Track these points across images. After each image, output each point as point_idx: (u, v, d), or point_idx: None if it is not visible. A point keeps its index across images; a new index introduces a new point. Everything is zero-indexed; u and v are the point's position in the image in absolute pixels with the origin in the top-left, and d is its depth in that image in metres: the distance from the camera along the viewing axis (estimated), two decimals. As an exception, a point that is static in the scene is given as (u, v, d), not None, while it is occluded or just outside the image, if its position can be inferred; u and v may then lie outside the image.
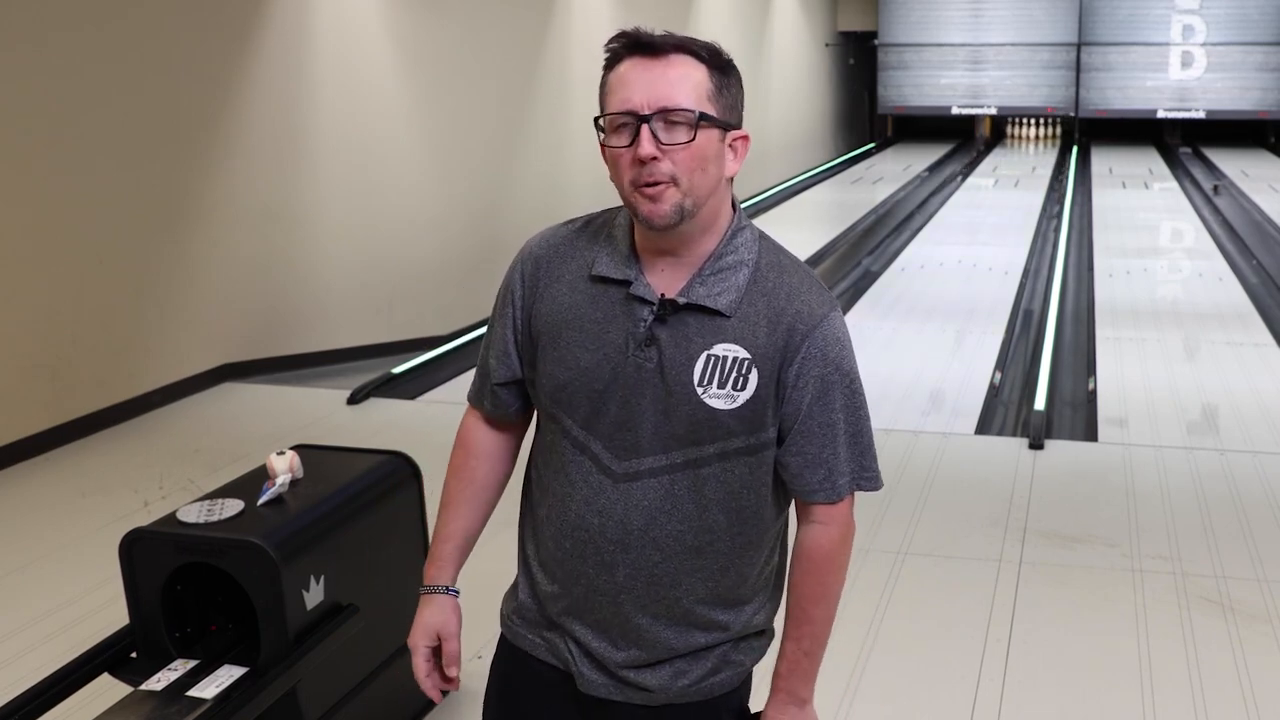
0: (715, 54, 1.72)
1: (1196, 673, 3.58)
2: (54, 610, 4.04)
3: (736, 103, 1.72)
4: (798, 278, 1.75)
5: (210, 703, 2.68)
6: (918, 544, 4.53)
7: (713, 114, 1.67)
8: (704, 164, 1.67)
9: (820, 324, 1.72)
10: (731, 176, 1.73)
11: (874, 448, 1.82)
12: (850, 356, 1.76)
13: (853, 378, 1.76)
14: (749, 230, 1.77)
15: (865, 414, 1.79)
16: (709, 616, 1.85)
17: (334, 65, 7.33)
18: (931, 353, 7.54)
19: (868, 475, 1.82)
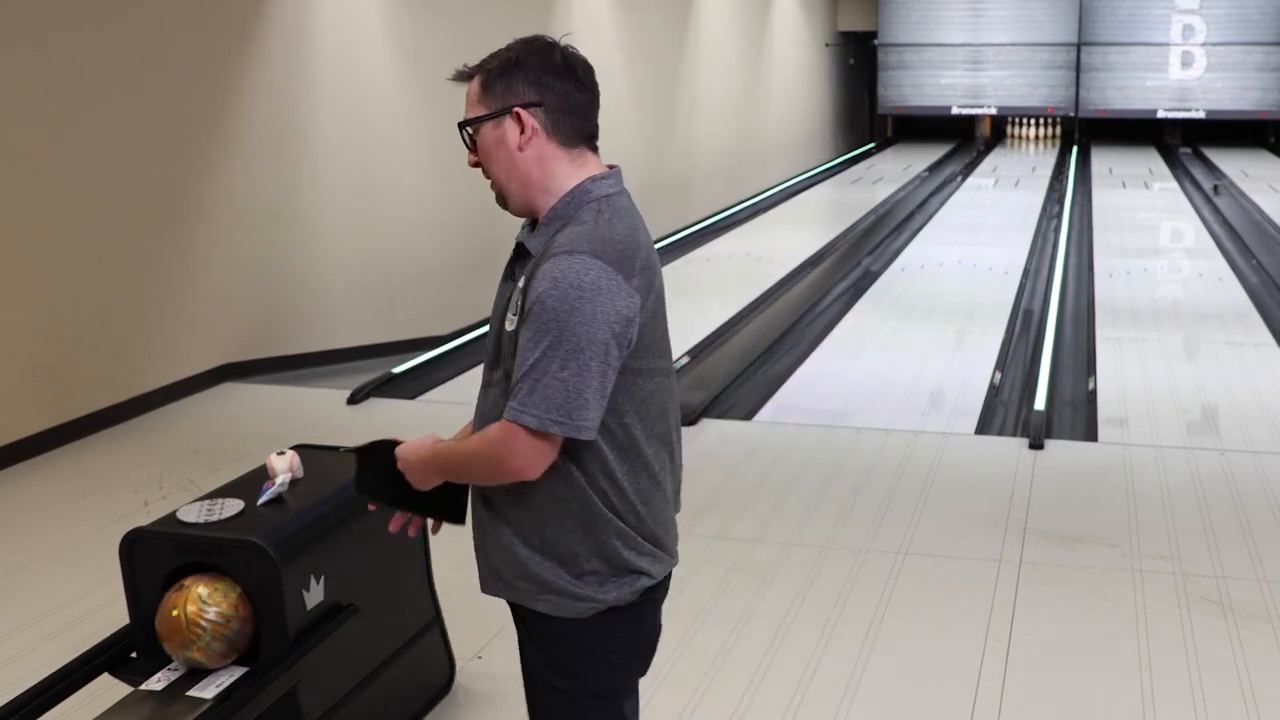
0: (490, 59, 2.13)
1: (1196, 673, 3.58)
2: (54, 610, 4.04)
3: (510, 86, 2.06)
4: (584, 228, 1.99)
5: (210, 703, 2.68)
6: (918, 544, 4.53)
7: (476, 114, 2.11)
8: (490, 158, 2.11)
9: (552, 259, 1.94)
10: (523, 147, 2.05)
11: (559, 392, 1.92)
12: (562, 295, 1.91)
13: (553, 314, 1.91)
14: (586, 197, 2.05)
15: (555, 354, 1.91)
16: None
17: (334, 65, 7.33)
18: (931, 353, 7.54)
19: (526, 409, 1.94)
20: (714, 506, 4.92)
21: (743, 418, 6.22)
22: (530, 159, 2.05)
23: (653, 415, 2.09)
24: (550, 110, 2.05)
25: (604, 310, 1.92)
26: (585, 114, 2.09)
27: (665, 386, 2.12)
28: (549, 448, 1.97)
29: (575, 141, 2.08)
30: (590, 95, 2.10)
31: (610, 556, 2.08)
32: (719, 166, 14.27)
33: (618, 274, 1.96)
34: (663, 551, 2.17)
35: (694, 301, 9.57)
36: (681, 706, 3.42)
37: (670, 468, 2.19)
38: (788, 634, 3.83)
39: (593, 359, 1.92)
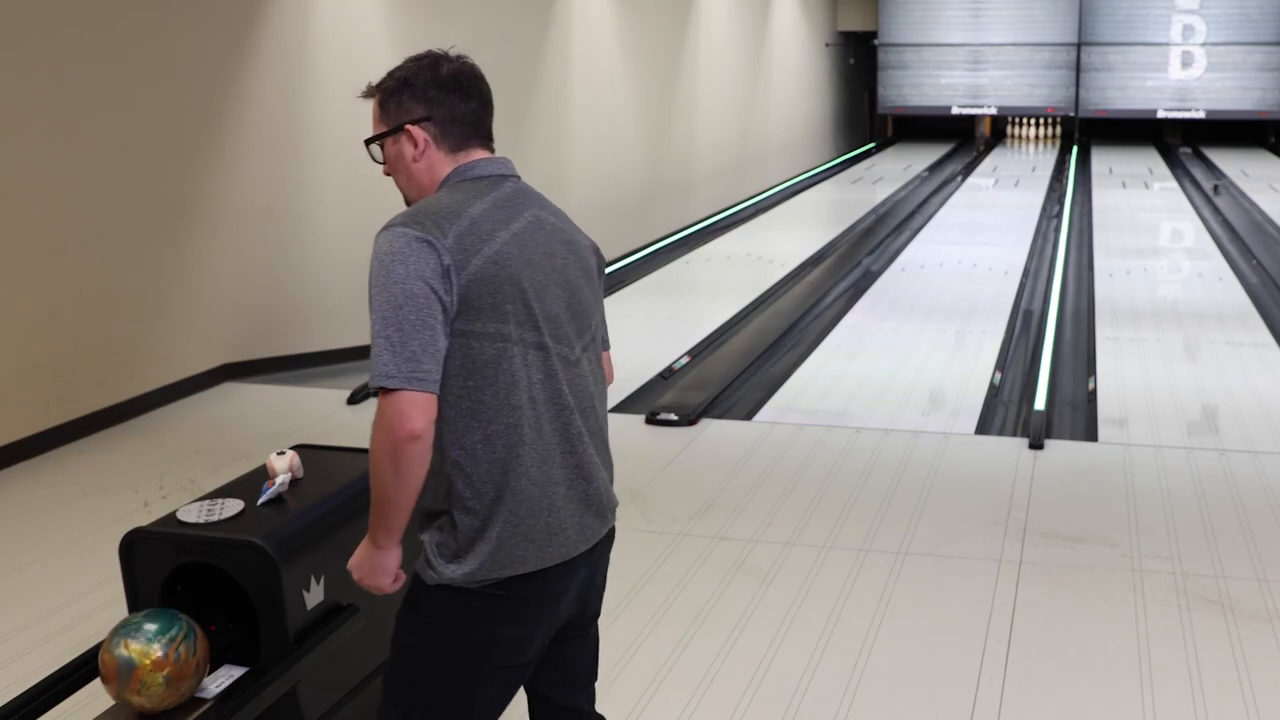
0: (385, 78, 2.28)
1: (1196, 673, 3.58)
2: (54, 610, 4.04)
3: (401, 105, 2.23)
4: (411, 210, 2.18)
5: (210, 702, 2.68)
6: (918, 544, 4.53)
7: (376, 132, 2.28)
8: (393, 169, 2.30)
9: (381, 230, 2.13)
10: (417, 159, 2.24)
11: (391, 350, 2.03)
12: (376, 265, 2.08)
13: (372, 285, 2.07)
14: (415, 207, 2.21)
15: (380, 317, 2.04)
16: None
17: (335, 65, 7.33)
18: (931, 353, 7.55)
19: (373, 378, 2.05)
20: (714, 506, 4.92)
21: (743, 418, 6.22)
22: (423, 169, 2.25)
23: (503, 383, 2.12)
24: (438, 122, 2.22)
25: (414, 267, 2.05)
26: (473, 120, 2.25)
27: (519, 354, 2.14)
28: (412, 400, 2.03)
29: (461, 145, 2.25)
30: (477, 102, 2.26)
31: (457, 532, 2.15)
32: (719, 166, 14.27)
33: (426, 235, 2.08)
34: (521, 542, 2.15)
35: (694, 301, 9.58)
36: (681, 706, 3.42)
37: (571, 449, 2.20)
38: (788, 634, 3.84)
39: (410, 313, 2.03)
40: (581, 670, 2.48)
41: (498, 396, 2.12)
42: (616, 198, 11.15)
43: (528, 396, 2.15)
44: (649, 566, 4.33)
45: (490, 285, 2.11)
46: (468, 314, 2.09)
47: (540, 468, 2.17)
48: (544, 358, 2.18)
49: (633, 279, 10.03)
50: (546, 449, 2.18)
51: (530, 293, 2.16)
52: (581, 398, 2.25)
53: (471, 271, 2.09)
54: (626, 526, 4.70)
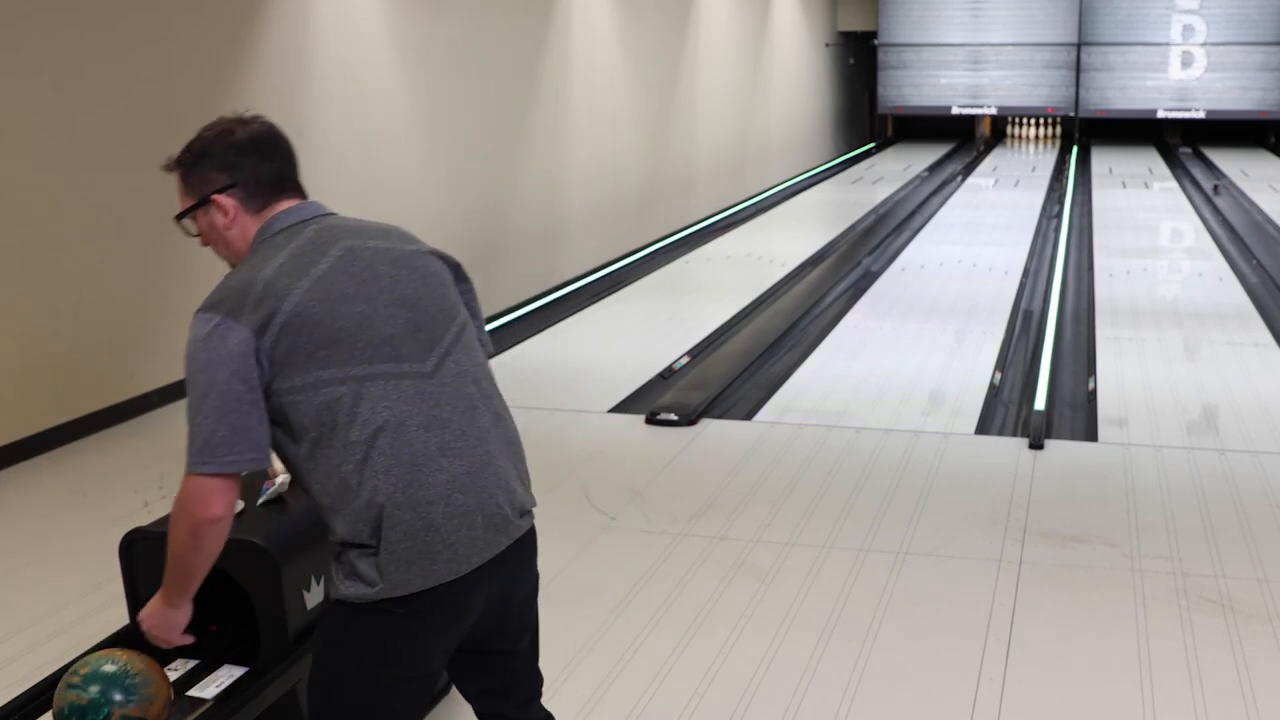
0: (183, 152, 2.33)
1: (1196, 673, 3.58)
2: (54, 610, 4.04)
3: (205, 175, 2.27)
4: (213, 291, 2.23)
5: (210, 702, 2.68)
6: (918, 544, 4.53)
7: (185, 207, 2.32)
8: (210, 240, 2.35)
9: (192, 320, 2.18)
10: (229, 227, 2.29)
11: (198, 437, 2.11)
12: (186, 352, 2.13)
13: (186, 370, 2.13)
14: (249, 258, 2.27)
15: (190, 403, 2.12)
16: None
17: (335, 65, 7.33)
18: (931, 353, 7.55)
19: (187, 460, 2.13)
20: (714, 506, 4.92)
21: (743, 418, 6.22)
22: (237, 235, 2.29)
23: (342, 424, 2.12)
24: (243, 186, 2.25)
25: (216, 352, 2.10)
26: (277, 179, 2.29)
27: (352, 390, 2.14)
28: (214, 486, 2.12)
29: (268, 205, 2.28)
30: (279, 160, 2.30)
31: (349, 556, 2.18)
32: (719, 166, 14.27)
33: (225, 318, 2.13)
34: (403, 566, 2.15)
35: (694, 301, 9.58)
36: (681, 706, 3.42)
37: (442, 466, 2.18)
38: (788, 634, 3.84)
39: (214, 400, 2.09)
40: (520, 681, 2.48)
41: (343, 439, 2.13)
42: (616, 198, 11.15)
43: (374, 429, 2.13)
44: (649, 566, 4.33)
45: (298, 339, 2.12)
46: (285, 374, 2.12)
47: (407, 491, 2.14)
48: (386, 384, 2.16)
49: (633, 279, 10.04)
50: (413, 472, 2.15)
51: (348, 329, 2.15)
52: (449, 408, 2.21)
53: (274, 334, 2.11)
54: (626, 526, 4.72)
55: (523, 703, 2.51)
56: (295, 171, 2.34)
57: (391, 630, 2.19)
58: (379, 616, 2.18)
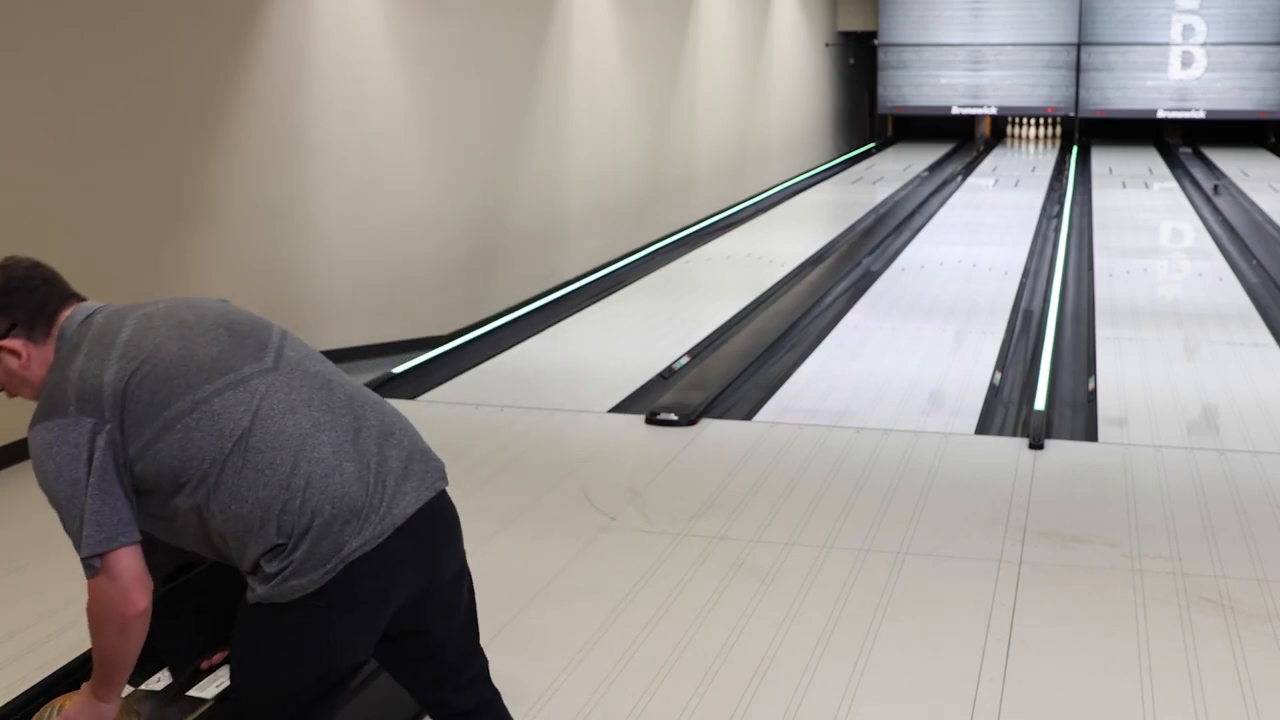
0: None
1: (1196, 673, 3.58)
2: (54, 610, 4.04)
3: None
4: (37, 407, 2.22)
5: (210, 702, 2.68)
6: (917, 544, 4.53)
7: None
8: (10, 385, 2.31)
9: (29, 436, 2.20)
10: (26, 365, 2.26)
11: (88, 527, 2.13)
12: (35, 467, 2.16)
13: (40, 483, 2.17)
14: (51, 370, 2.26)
15: (59, 512, 2.16)
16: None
17: (335, 65, 7.33)
18: (931, 353, 7.54)
19: (83, 565, 2.16)
20: (714, 506, 4.92)
21: (743, 418, 6.22)
22: (36, 370, 2.27)
23: (209, 448, 2.18)
24: (24, 324, 2.25)
25: (59, 454, 2.14)
26: (50, 304, 2.28)
27: (203, 418, 2.19)
28: (130, 574, 2.17)
29: (51, 328, 2.28)
30: (45, 284, 2.29)
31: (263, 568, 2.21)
32: (719, 166, 14.27)
33: (57, 418, 2.16)
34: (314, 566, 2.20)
35: (694, 301, 9.58)
36: (681, 706, 3.42)
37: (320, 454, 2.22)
38: (788, 634, 3.83)
39: (75, 494, 2.13)
40: (457, 664, 2.51)
41: (219, 458, 2.18)
42: (616, 198, 11.14)
43: (241, 432, 2.19)
44: (649, 566, 4.33)
45: (131, 400, 2.17)
46: (136, 434, 2.17)
47: (296, 476, 2.19)
48: (235, 393, 2.22)
49: (633, 279, 10.03)
50: (297, 456, 2.20)
51: (175, 365, 2.21)
52: (305, 390, 2.27)
53: (109, 407, 2.16)
54: (626, 526, 4.72)
55: (463, 685, 2.52)
56: (63, 285, 2.33)
57: (319, 623, 2.22)
58: (302, 613, 2.21)
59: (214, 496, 2.19)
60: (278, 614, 2.21)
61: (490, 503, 5.00)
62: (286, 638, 2.25)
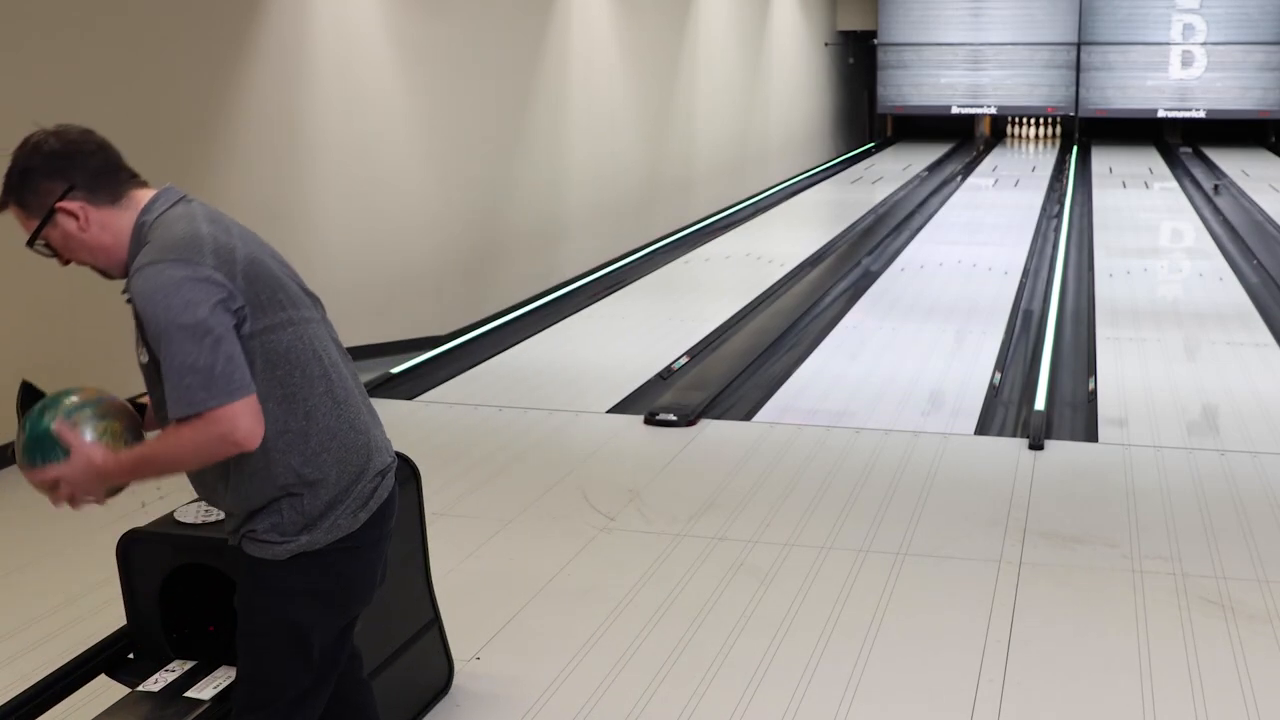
0: (5, 179, 2.25)
1: (1197, 674, 3.57)
2: (52, 611, 4.03)
3: (40, 189, 2.23)
4: (145, 251, 2.22)
5: (208, 704, 2.67)
6: (917, 544, 4.52)
7: (33, 230, 2.26)
8: (71, 252, 2.30)
9: (131, 282, 2.20)
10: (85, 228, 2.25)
11: (185, 381, 2.13)
12: (153, 301, 2.14)
13: (157, 320, 2.14)
14: (140, 231, 2.27)
15: (177, 349, 2.13)
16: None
17: (333, 65, 7.32)
18: (931, 353, 7.54)
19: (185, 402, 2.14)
20: (714, 506, 4.91)
21: (743, 418, 6.21)
22: (96, 233, 2.27)
23: (305, 359, 2.29)
24: (82, 186, 2.24)
25: (191, 295, 2.14)
26: (111, 169, 2.29)
27: (305, 333, 2.32)
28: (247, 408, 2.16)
29: (118, 194, 2.28)
30: (101, 150, 2.29)
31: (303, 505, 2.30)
32: (718, 166, 14.26)
33: (187, 265, 2.17)
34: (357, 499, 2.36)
35: (694, 301, 9.57)
36: (681, 706, 3.42)
37: (357, 401, 2.40)
38: (788, 634, 3.83)
39: (204, 335, 2.13)
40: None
41: (305, 375, 2.29)
42: (616, 198, 11.13)
43: (326, 365, 2.34)
44: (648, 567, 4.33)
45: (255, 285, 2.24)
46: (254, 317, 2.22)
47: (354, 423, 2.36)
48: (315, 327, 2.35)
49: (632, 279, 10.03)
50: (348, 405, 2.36)
51: (280, 279, 2.31)
52: (338, 350, 2.42)
53: (239, 279, 2.21)
54: (626, 527, 4.71)
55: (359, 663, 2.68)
56: (122, 159, 2.33)
57: (350, 564, 2.37)
58: (340, 555, 2.34)
59: (283, 405, 2.26)
60: (315, 560, 2.32)
61: (489, 503, 5.00)
62: (324, 584, 2.35)
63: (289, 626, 2.35)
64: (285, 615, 2.34)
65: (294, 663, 2.38)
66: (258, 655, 2.40)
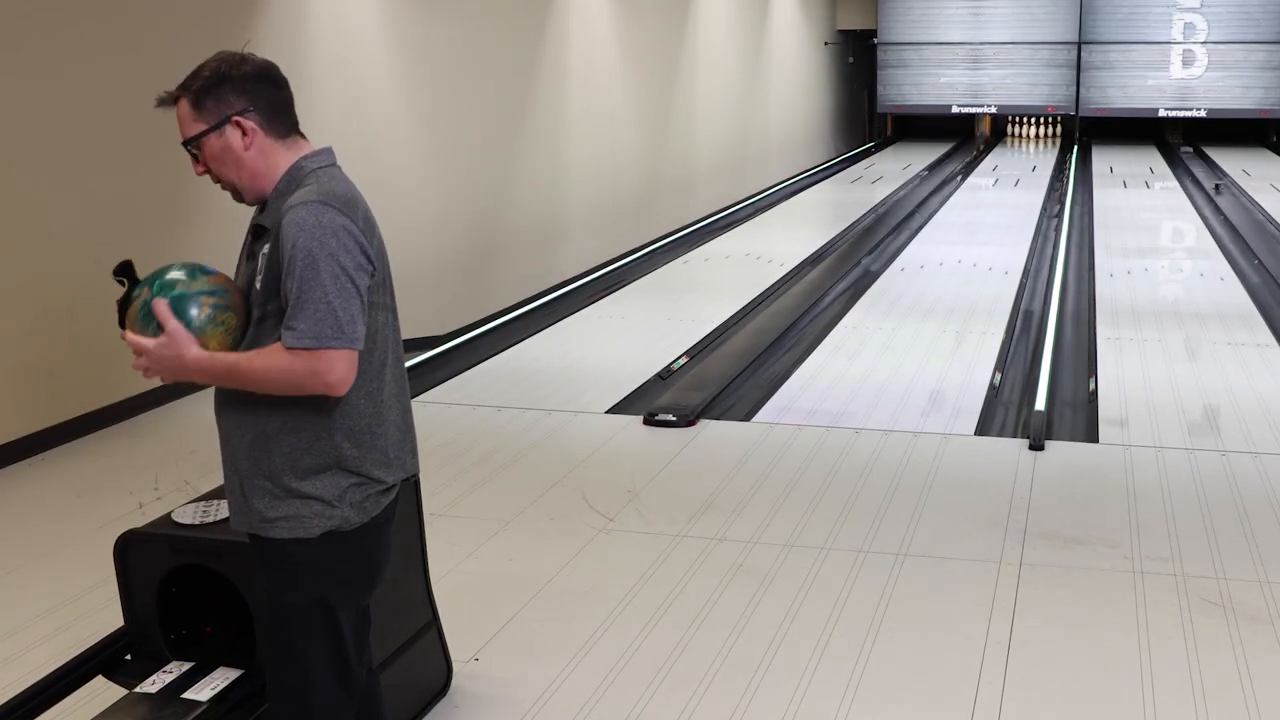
0: (192, 79, 2.39)
1: (1197, 675, 3.56)
2: (49, 612, 4.02)
3: (225, 99, 2.34)
4: (309, 189, 2.32)
5: (205, 705, 2.67)
6: (917, 545, 4.51)
7: (198, 130, 2.36)
8: (220, 163, 2.37)
9: (290, 212, 2.28)
10: (248, 148, 2.34)
11: (317, 314, 2.23)
12: (310, 235, 2.24)
13: (307, 252, 2.24)
14: (302, 172, 2.37)
15: (315, 284, 2.24)
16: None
17: (332, 65, 7.31)
18: (931, 353, 7.53)
19: (303, 335, 2.24)
20: (713, 507, 4.90)
21: (742, 418, 6.20)
22: (255, 156, 2.37)
23: (384, 346, 2.42)
24: (261, 111, 2.36)
25: (348, 243, 2.27)
26: (288, 108, 2.42)
27: (390, 322, 2.46)
28: (347, 359, 2.27)
29: (287, 131, 2.41)
30: (286, 90, 2.42)
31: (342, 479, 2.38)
32: (718, 166, 14.26)
33: (351, 217, 2.30)
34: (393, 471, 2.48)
35: (693, 301, 9.56)
36: (681, 707, 3.41)
37: (405, 393, 2.53)
38: (787, 634, 3.82)
39: (347, 282, 2.26)
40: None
41: (378, 359, 2.40)
42: (615, 197, 11.13)
43: (396, 355, 2.47)
44: (648, 567, 4.32)
45: (381, 262, 2.40)
46: (372, 287, 2.35)
47: (405, 417, 2.50)
48: (390, 318, 2.47)
49: (631, 279, 10.02)
50: (399, 397, 2.48)
51: (387, 262, 2.46)
52: (400, 358, 2.53)
53: (375, 250, 2.36)
54: (625, 528, 4.70)
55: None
56: (294, 103, 2.45)
57: (380, 541, 2.47)
58: (373, 532, 2.43)
59: (359, 383, 2.34)
60: (345, 539, 2.38)
61: (488, 503, 4.99)
62: (353, 564, 2.43)
63: (322, 607, 2.39)
64: (317, 595, 2.38)
65: (326, 644, 2.41)
66: (289, 643, 2.42)
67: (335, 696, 2.44)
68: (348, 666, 2.46)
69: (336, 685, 2.44)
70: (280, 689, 2.46)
